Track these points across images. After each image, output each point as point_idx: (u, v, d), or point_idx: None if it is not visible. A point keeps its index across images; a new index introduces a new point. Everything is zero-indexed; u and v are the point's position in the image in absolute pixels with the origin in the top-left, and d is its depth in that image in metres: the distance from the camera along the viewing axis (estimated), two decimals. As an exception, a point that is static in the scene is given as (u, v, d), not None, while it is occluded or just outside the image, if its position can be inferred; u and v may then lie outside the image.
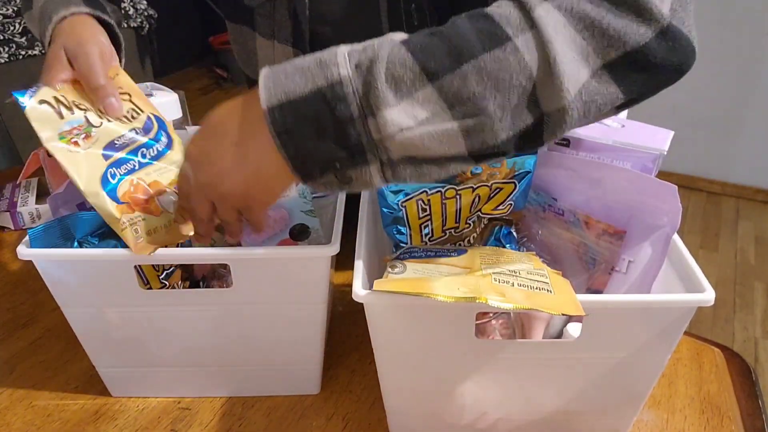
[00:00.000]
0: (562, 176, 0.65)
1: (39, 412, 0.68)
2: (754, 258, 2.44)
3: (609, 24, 0.47)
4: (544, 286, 0.52)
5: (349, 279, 0.55)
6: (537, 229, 0.68)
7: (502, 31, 0.47)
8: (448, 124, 0.47)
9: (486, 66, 0.46)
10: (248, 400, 0.69)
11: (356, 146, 0.47)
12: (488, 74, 0.46)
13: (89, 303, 0.63)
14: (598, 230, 0.61)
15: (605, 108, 0.49)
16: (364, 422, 0.67)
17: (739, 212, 2.77)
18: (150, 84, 0.82)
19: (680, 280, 0.58)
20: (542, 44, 0.46)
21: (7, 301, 0.85)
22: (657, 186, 0.58)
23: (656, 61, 0.48)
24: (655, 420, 0.68)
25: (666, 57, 0.48)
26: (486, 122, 0.47)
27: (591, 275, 0.66)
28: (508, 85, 0.46)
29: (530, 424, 0.63)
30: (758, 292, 2.26)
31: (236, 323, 0.64)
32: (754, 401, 0.71)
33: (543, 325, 0.63)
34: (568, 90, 0.46)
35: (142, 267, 0.63)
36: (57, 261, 0.60)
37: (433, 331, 0.56)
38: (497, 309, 0.51)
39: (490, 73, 0.46)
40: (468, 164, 0.50)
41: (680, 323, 0.55)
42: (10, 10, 1.20)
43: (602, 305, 0.54)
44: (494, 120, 0.47)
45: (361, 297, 0.53)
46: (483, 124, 0.47)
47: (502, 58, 0.46)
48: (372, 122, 0.47)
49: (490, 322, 0.62)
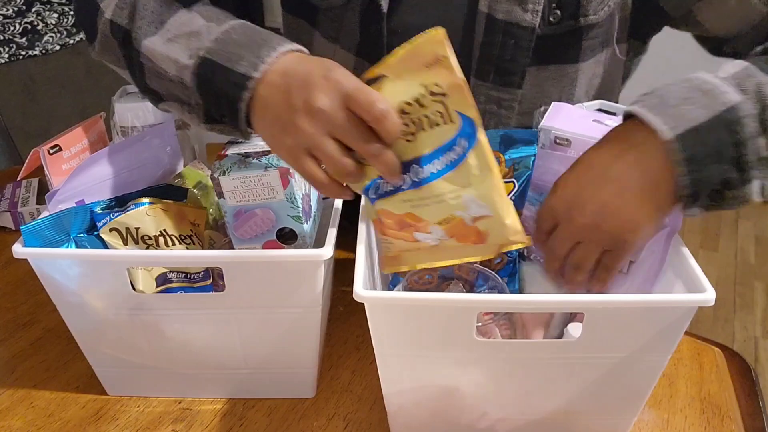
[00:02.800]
0: (555, 174, 0.65)
1: (40, 413, 0.68)
2: (754, 258, 2.44)
3: None
4: None
5: (349, 279, 0.55)
6: None
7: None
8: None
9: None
10: (249, 401, 0.69)
11: (747, 165, 0.51)
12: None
13: (83, 302, 0.63)
14: None
15: None
16: (365, 422, 0.67)
17: (739, 212, 2.77)
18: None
19: (681, 280, 0.58)
20: None
21: (8, 301, 0.85)
22: None
23: None
24: (655, 420, 0.68)
25: None
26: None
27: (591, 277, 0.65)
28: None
29: (531, 424, 0.63)
30: (758, 291, 2.26)
31: (229, 327, 0.64)
32: (754, 401, 0.71)
33: (544, 326, 0.63)
34: None
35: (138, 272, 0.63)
36: (51, 260, 0.60)
37: (434, 331, 0.56)
38: None
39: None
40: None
41: (681, 323, 0.55)
42: (10, 10, 1.20)
43: (603, 305, 0.54)
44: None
45: (362, 297, 0.53)
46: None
47: None
48: (763, 142, 0.51)
49: (491, 324, 0.62)
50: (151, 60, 0.60)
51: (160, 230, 0.63)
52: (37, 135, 0.96)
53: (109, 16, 0.64)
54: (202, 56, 0.57)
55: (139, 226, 0.62)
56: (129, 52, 0.63)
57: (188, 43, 0.58)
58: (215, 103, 0.58)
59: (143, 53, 0.60)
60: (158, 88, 0.62)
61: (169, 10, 0.61)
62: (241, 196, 0.62)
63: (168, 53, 0.59)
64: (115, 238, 0.62)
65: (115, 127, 0.80)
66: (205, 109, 0.59)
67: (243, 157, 0.62)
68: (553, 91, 0.76)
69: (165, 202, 0.65)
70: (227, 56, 0.56)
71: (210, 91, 0.57)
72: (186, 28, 0.59)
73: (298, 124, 0.51)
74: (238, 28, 0.59)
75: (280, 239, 0.64)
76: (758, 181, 0.53)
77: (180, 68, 0.58)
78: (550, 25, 0.70)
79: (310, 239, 0.66)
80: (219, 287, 0.64)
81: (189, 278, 0.64)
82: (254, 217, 0.63)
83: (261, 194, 0.62)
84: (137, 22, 0.61)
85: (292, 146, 0.53)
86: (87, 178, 0.68)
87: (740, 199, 0.53)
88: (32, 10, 1.22)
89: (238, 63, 0.55)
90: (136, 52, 0.62)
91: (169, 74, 0.59)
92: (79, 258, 0.61)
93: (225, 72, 0.56)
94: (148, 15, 0.61)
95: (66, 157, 0.70)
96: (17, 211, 0.97)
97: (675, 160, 0.51)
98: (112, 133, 0.81)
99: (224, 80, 0.56)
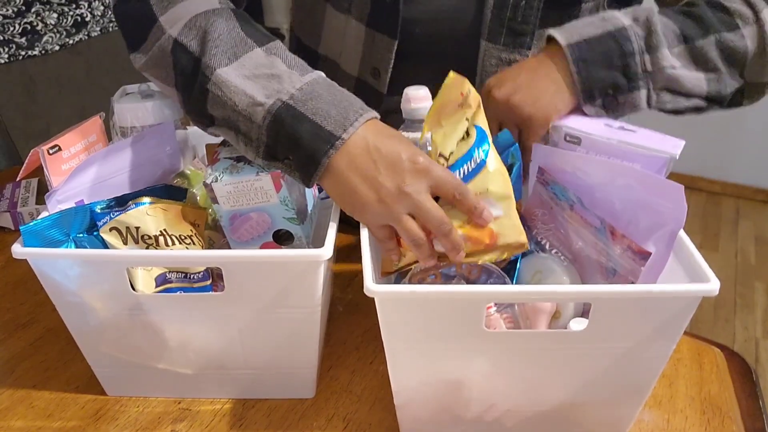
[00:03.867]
0: (571, 174, 0.66)
1: (40, 413, 0.68)
2: (754, 258, 2.44)
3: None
4: None
5: (349, 279, 0.55)
6: (559, 226, 0.68)
7: (735, 22, 0.69)
8: (696, 73, 0.68)
9: (723, 41, 0.68)
10: (249, 401, 0.69)
11: (633, 74, 0.66)
12: (723, 47, 0.68)
13: (83, 302, 0.63)
14: (624, 245, 0.61)
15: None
16: (365, 423, 0.67)
17: (739, 212, 2.77)
18: (150, 84, 0.82)
19: (685, 273, 0.58)
20: (762, 36, 0.68)
21: (7, 301, 0.85)
22: (664, 185, 0.59)
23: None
24: (656, 420, 0.68)
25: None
26: (719, 78, 0.69)
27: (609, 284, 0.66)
28: (733, 58, 0.69)
29: (537, 416, 0.63)
30: (758, 292, 2.26)
31: (229, 327, 0.64)
32: (755, 401, 0.71)
33: (548, 318, 0.63)
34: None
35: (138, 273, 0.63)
36: (51, 260, 0.60)
37: (443, 323, 0.56)
38: None
39: (725, 46, 0.68)
40: (701, 105, 0.70)
41: (685, 314, 0.56)
42: (9, 10, 1.20)
43: (607, 295, 0.55)
44: (724, 77, 0.69)
45: (372, 292, 0.54)
46: (718, 78, 0.69)
47: (734, 38, 0.68)
48: (647, 58, 0.66)
49: (494, 316, 0.62)
50: (221, 89, 0.61)
51: (160, 230, 0.63)
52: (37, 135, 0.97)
53: (175, 35, 0.64)
54: (284, 101, 0.59)
55: (140, 226, 0.62)
56: (194, 75, 0.63)
57: (267, 84, 0.60)
58: (288, 146, 0.59)
59: (213, 81, 0.61)
60: (217, 115, 0.62)
61: (244, 45, 0.63)
62: (235, 201, 0.62)
63: (244, 88, 0.60)
64: (115, 237, 0.62)
65: (115, 127, 0.80)
66: (268, 147, 0.60)
67: (234, 162, 0.62)
68: None
69: (165, 201, 0.65)
70: (313, 109, 0.58)
71: (285, 135, 0.59)
72: (265, 69, 0.61)
73: (387, 202, 0.58)
74: (322, 82, 0.61)
75: (277, 240, 0.64)
76: (644, 91, 0.67)
77: (253, 104, 0.59)
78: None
79: (307, 239, 0.66)
80: (218, 287, 0.64)
81: (188, 278, 0.64)
82: (249, 220, 0.63)
83: (255, 198, 0.62)
84: (210, 50, 0.62)
85: (372, 221, 0.60)
86: (86, 178, 0.68)
87: (630, 104, 0.67)
88: (32, 10, 1.22)
89: (326, 119, 0.58)
90: (204, 78, 0.61)
91: (239, 107, 0.60)
92: (78, 258, 0.61)
93: (310, 124, 0.58)
94: (222, 45, 0.62)
95: (65, 157, 0.70)
96: (17, 211, 0.97)
97: (569, 61, 0.66)
98: (111, 133, 0.81)
99: (309, 131, 0.58)
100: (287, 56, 0.63)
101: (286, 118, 0.58)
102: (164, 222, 0.63)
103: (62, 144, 0.70)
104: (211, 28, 0.63)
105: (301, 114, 0.58)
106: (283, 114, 0.58)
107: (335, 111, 0.59)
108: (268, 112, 0.59)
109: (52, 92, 1.29)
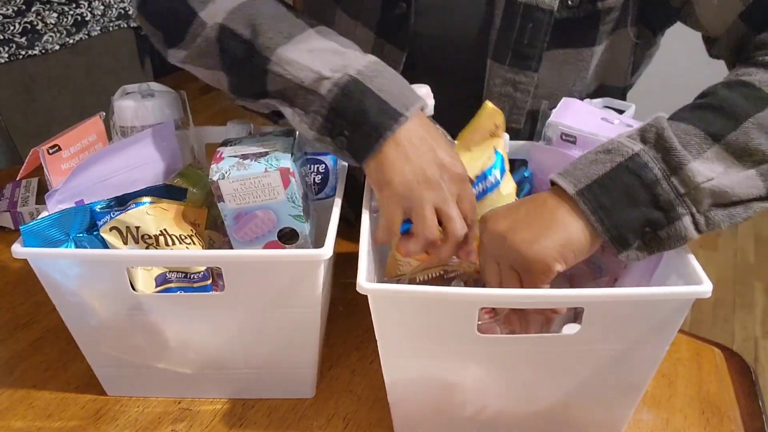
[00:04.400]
0: None
1: (39, 413, 0.68)
2: (753, 257, 2.44)
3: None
4: None
5: (348, 279, 0.55)
6: None
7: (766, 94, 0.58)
8: (745, 171, 0.56)
9: (764, 122, 0.56)
10: (249, 401, 0.69)
11: (667, 203, 0.55)
12: (764, 126, 0.56)
13: (83, 302, 0.63)
14: None
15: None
16: (365, 422, 0.67)
17: (738, 212, 2.77)
18: (150, 84, 0.82)
19: (678, 273, 0.58)
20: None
21: (7, 301, 0.85)
22: None
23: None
24: (654, 420, 0.68)
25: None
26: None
27: (597, 284, 0.66)
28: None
29: (530, 416, 0.63)
30: (758, 291, 2.26)
31: (229, 327, 0.64)
32: (754, 401, 0.71)
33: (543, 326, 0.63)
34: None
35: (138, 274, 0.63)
36: (51, 260, 0.60)
37: (435, 324, 0.56)
38: None
39: (765, 124, 0.56)
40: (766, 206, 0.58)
41: (678, 316, 0.56)
42: (10, 10, 1.20)
43: (602, 299, 0.55)
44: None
45: (365, 289, 0.54)
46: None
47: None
48: (676, 179, 0.55)
49: (491, 323, 0.62)
50: (284, 67, 0.63)
51: (160, 229, 0.63)
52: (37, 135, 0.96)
53: (221, 21, 0.66)
54: (352, 75, 0.60)
55: (140, 225, 0.62)
56: (250, 58, 0.64)
57: (332, 59, 0.62)
58: (350, 120, 0.60)
59: (274, 60, 0.63)
60: (273, 89, 0.64)
61: (298, 26, 0.65)
62: (241, 199, 0.62)
63: (308, 63, 0.62)
64: (115, 237, 0.62)
65: (115, 127, 0.80)
66: (326, 121, 0.61)
67: (241, 159, 0.62)
68: (569, 75, 0.77)
69: (166, 201, 0.65)
70: (379, 86, 0.61)
71: (351, 108, 0.60)
72: (326, 46, 0.64)
73: (423, 187, 0.59)
74: (382, 63, 0.64)
75: (281, 240, 0.64)
76: (688, 217, 0.56)
77: (319, 79, 0.61)
78: (569, 9, 0.72)
79: (310, 238, 0.66)
80: (219, 287, 0.64)
81: (188, 278, 0.64)
82: (255, 219, 0.63)
83: (262, 195, 0.62)
84: (266, 33, 0.64)
85: (397, 203, 0.60)
86: (86, 178, 0.68)
87: (677, 237, 0.56)
88: (32, 9, 1.22)
89: (390, 97, 0.60)
90: (262, 59, 0.63)
91: (305, 83, 0.62)
92: (78, 258, 0.61)
93: (377, 99, 0.60)
94: (276, 27, 0.64)
95: (65, 157, 0.70)
96: (17, 211, 0.97)
97: (586, 213, 0.56)
98: (111, 133, 0.81)
99: (375, 106, 0.60)
100: (340, 38, 0.66)
101: (355, 92, 0.60)
102: (164, 221, 0.63)
103: (62, 144, 0.70)
104: (260, 12, 0.65)
105: (368, 89, 0.60)
106: (352, 87, 0.60)
107: (397, 91, 0.61)
108: (335, 85, 0.60)
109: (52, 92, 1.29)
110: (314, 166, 0.74)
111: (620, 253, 0.56)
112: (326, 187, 0.74)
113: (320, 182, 0.74)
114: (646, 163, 0.56)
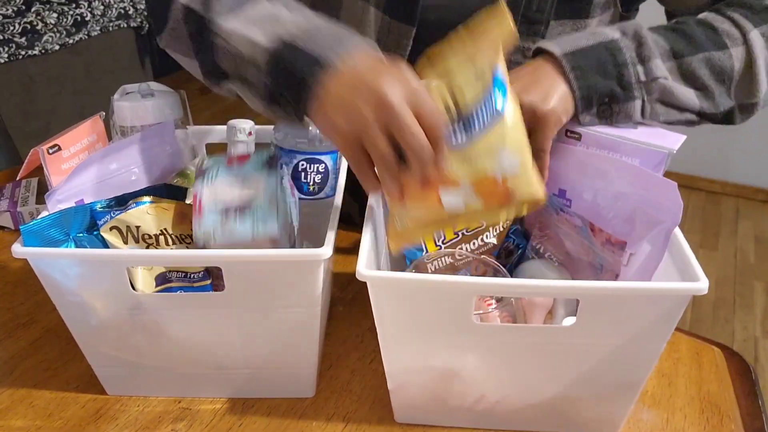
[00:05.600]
0: (572, 168, 0.67)
1: (40, 412, 0.68)
2: (753, 257, 2.44)
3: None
4: None
5: (349, 279, 0.55)
6: (553, 231, 0.69)
7: (724, 41, 0.69)
8: (687, 88, 0.68)
9: (712, 59, 0.69)
10: (248, 401, 0.69)
11: (628, 84, 0.66)
12: (712, 65, 0.69)
13: (83, 302, 0.63)
14: (602, 239, 0.63)
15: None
16: (365, 422, 0.67)
17: (738, 212, 2.78)
18: (150, 84, 0.82)
19: (678, 272, 0.59)
20: (749, 58, 0.69)
21: (7, 301, 0.85)
22: (658, 182, 0.60)
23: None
24: (654, 419, 0.68)
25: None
26: (709, 95, 0.69)
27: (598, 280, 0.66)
28: (721, 77, 0.69)
29: (528, 408, 0.64)
30: (758, 291, 2.26)
31: (229, 327, 0.64)
32: (754, 401, 0.71)
33: (543, 313, 0.63)
34: (759, 91, 0.70)
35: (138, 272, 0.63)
36: (51, 259, 0.60)
37: (432, 312, 0.57)
38: None
39: (713, 64, 0.69)
40: (693, 119, 0.71)
41: (675, 312, 0.56)
42: (10, 10, 1.20)
43: (598, 291, 0.55)
44: (715, 95, 0.69)
45: (364, 276, 0.54)
46: (709, 95, 0.69)
47: (722, 58, 0.69)
48: (641, 69, 0.66)
49: (492, 312, 0.62)
50: (227, 40, 0.62)
51: (160, 229, 0.63)
52: (37, 135, 0.96)
53: (184, 1, 0.66)
54: (285, 40, 0.60)
55: (140, 225, 0.62)
56: (201, 33, 0.65)
57: (270, 28, 0.61)
58: (284, 80, 0.59)
59: (218, 33, 0.63)
60: (227, 67, 0.64)
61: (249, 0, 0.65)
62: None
63: (247, 34, 0.61)
64: (115, 236, 0.62)
65: (115, 127, 0.80)
66: (267, 88, 0.61)
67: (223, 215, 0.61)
68: None
69: (166, 201, 0.65)
70: (312, 43, 0.59)
71: (283, 70, 0.59)
72: (268, 15, 0.63)
73: (362, 111, 0.54)
74: (323, 21, 0.62)
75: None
76: (639, 101, 0.66)
77: (256, 49, 0.61)
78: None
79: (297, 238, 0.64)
80: (219, 287, 0.64)
81: (188, 278, 0.64)
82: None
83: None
84: (215, 6, 0.64)
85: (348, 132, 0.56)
86: (86, 178, 0.68)
87: (625, 114, 0.66)
88: (32, 9, 1.22)
89: (321, 48, 0.58)
90: (210, 33, 0.63)
91: (245, 55, 0.61)
92: (78, 258, 0.61)
93: (305, 55, 0.58)
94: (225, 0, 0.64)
95: (65, 157, 0.70)
96: (17, 211, 0.97)
97: (566, 69, 0.65)
98: (111, 133, 0.81)
99: (303, 60, 0.58)
100: (292, 3, 0.65)
101: (285, 53, 0.59)
102: (164, 221, 0.63)
103: (62, 144, 0.70)
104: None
105: (298, 48, 0.59)
106: (284, 51, 0.59)
107: (330, 41, 0.59)
108: (270, 53, 0.60)
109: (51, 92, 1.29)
110: (314, 166, 0.73)
111: (581, 114, 0.66)
112: (326, 186, 0.74)
113: (320, 182, 0.74)
114: (621, 48, 0.66)
